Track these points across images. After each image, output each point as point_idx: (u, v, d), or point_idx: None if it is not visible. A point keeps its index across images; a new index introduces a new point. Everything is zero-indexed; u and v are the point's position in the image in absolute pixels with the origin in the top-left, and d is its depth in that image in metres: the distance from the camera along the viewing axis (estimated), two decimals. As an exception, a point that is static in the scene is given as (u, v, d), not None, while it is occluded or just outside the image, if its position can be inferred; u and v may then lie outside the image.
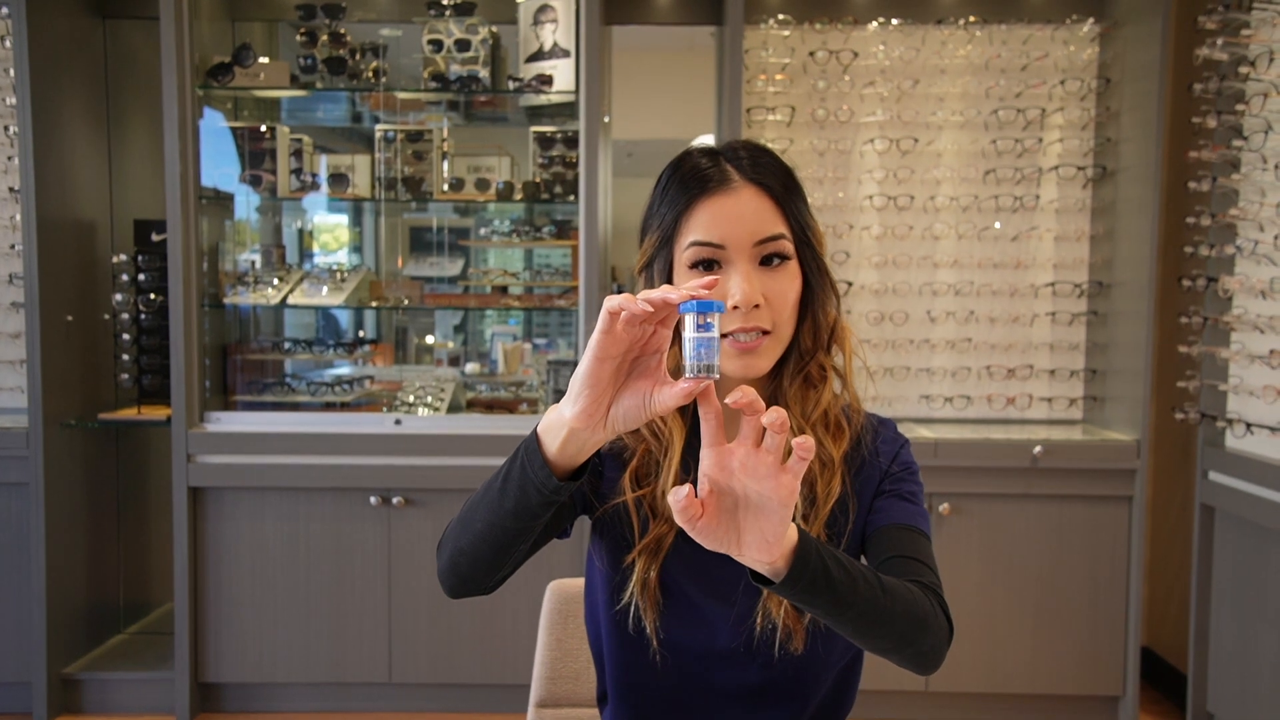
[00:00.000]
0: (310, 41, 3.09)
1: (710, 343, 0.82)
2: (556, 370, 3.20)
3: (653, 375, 0.86)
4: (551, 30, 3.04)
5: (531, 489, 0.90)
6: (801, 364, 1.11)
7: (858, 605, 0.89)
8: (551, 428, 0.89)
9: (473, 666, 2.95)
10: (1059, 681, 2.93)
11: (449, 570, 1.02)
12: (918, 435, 2.92)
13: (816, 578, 0.86)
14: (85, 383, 3.06)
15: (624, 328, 0.82)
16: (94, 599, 3.14)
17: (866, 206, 3.15)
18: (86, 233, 3.09)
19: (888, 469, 1.14)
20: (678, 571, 1.11)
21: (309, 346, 3.28)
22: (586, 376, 0.84)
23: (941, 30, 3.10)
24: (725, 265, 1.05)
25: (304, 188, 3.14)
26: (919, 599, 0.96)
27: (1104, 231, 3.09)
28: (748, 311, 1.02)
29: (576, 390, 0.86)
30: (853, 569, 0.90)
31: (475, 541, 0.97)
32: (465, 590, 1.03)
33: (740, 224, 1.04)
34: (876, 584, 0.92)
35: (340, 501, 2.93)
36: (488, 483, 0.97)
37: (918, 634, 0.95)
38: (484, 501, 0.96)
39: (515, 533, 0.95)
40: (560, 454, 0.89)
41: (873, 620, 0.91)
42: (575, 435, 0.87)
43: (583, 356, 0.85)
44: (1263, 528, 2.53)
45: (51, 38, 2.88)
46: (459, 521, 1.01)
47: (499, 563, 0.99)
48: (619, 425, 0.87)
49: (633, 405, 0.86)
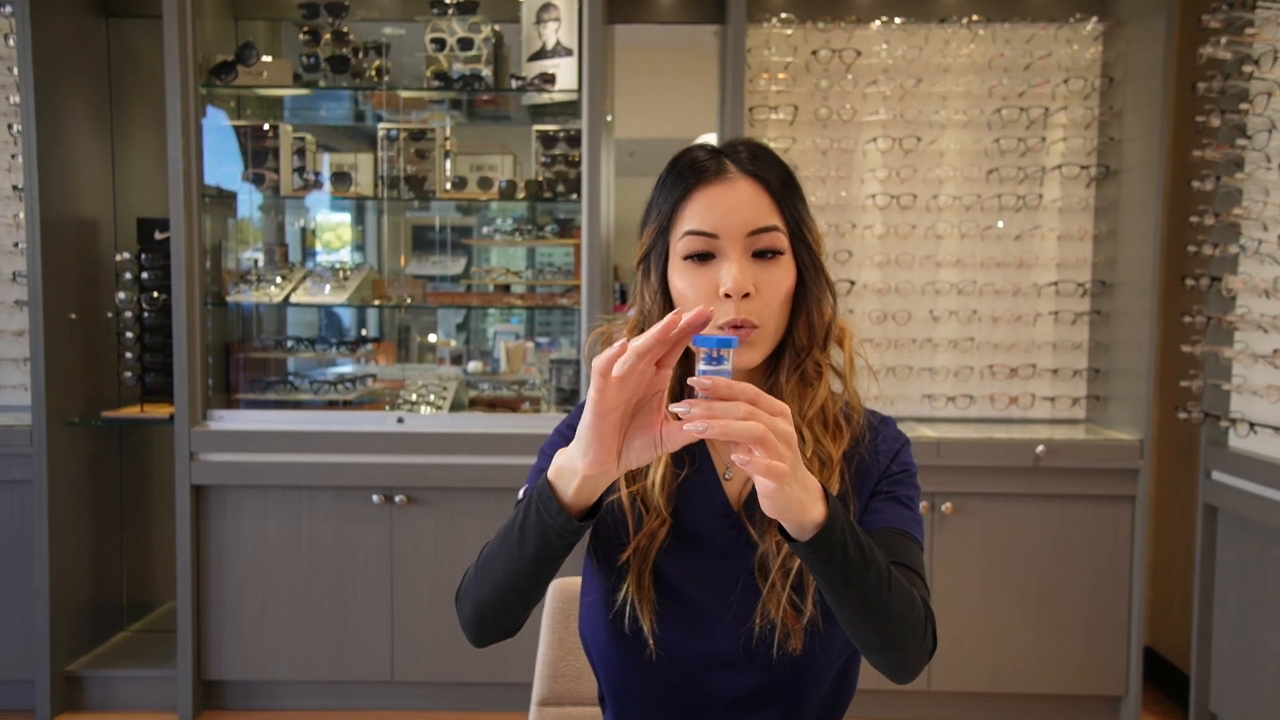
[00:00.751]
0: (313, 40, 3.09)
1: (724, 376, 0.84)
2: (559, 369, 3.20)
3: (657, 414, 0.89)
4: (554, 29, 3.04)
5: (552, 534, 0.94)
6: (797, 361, 1.11)
7: (863, 588, 0.91)
8: (564, 475, 0.93)
9: (475, 665, 2.96)
10: (1061, 681, 2.92)
11: (474, 623, 1.05)
12: (920, 434, 2.92)
13: (835, 549, 0.89)
14: (88, 381, 3.06)
15: (619, 386, 0.85)
16: (97, 597, 3.14)
17: (869, 205, 3.15)
18: (90, 231, 3.10)
19: (886, 468, 1.13)
20: (675, 572, 1.11)
21: (311, 345, 3.28)
22: (591, 433, 0.88)
23: (944, 29, 3.10)
24: (718, 255, 1.05)
25: (307, 186, 3.14)
26: (916, 607, 0.98)
27: (1107, 230, 3.08)
28: (738, 300, 1.03)
29: (584, 444, 0.89)
30: (869, 552, 0.92)
31: (499, 590, 1.00)
32: (491, 638, 1.07)
33: (734, 213, 1.04)
34: (886, 575, 0.94)
35: (342, 500, 2.93)
36: (502, 533, 1.00)
37: (906, 639, 0.96)
38: (502, 551, 0.99)
39: (538, 576, 0.99)
40: (575, 498, 0.93)
41: (871, 608, 0.93)
42: (589, 481, 0.91)
43: (584, 413, 0.87)
44: (1266, 527, 2.52)
45: (55, 36, 2.88)
46: (477, 573, 1.04)
47: (525, 606, 1.03)
48: (632, 463, 0.91)
49: (643, 445, 0.89)
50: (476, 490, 2.91)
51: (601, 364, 0.84)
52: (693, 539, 0.94)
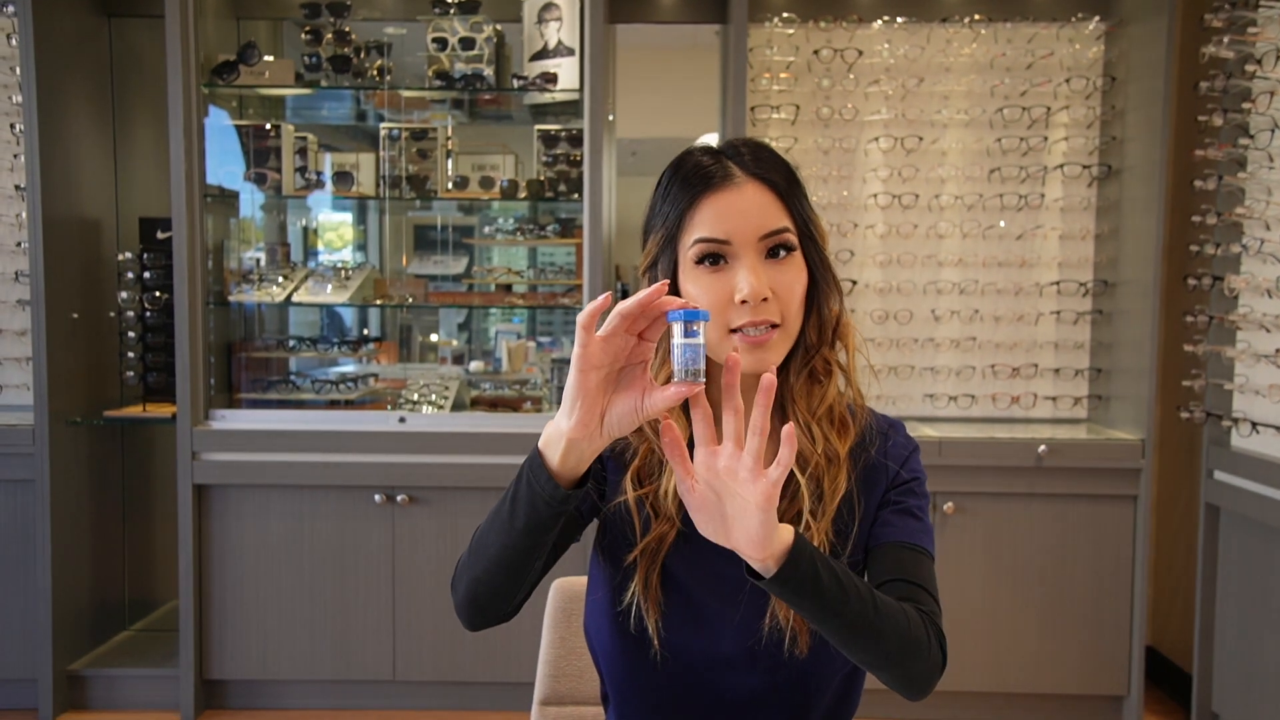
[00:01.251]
0: (315, 40, 3.10)
1: (697, 349, 0.88)
2: (560, 368, 3.20)
3: (640, 382, 0.91)
4: (556, 28, 3.04)
5: (540, 502, 0.94)
6: (807, 359, 1.11)
7: (845, 616, 0.93)
8: (551, 441, 0.94)
9: (477, 664, 2.96)
10: (1063, 681, 2.92)
11: (468, 602, 1.05)
12: (922, 434, 2.92)
13: (805, 581, 0.90)
14: (90, 380, 3.06)
15: (603, 344, 0.88)
16: (99, 596, 3.15)
17: (871, 205, 3.15)
18: (92, 230, 3.10)
19: (896, 475, 1.13)
20: (683, 573, 1.11)
21: (313, 344, 3.28)
22: (575, 389, 0.90)
23: (946, 28, 3.10)
24: (731, 260, 1.05)
25: (309, 186, 3.14)
26: (913, 624, 0.98)
27: (1109, 230, 3.08)
28: (756, 305, 1.03)
29: (569, 403, 0.91)
30: (847, 581, 0.93)
31: (490, 567, 1.00)
32: (485, 620, 1.06)
33: (745, 219, 1.04)
34: (870, 600, 0.95)
35: (344, 499, 2.93)
36: (495, 510, 1.01)
37: (906, 657, 0.97)
38: (494, 527, 1.00)
39: (528, 549, 0.98)
40: (563, 465, 0.93)
41: (859, 634, 0.94)
42: (575, 445, 0.92)
43: (570, 372, 0.90)
44: (1268, 527, 2.52)
45: (57, 36, 2.89)
46: (470, 552, 1.04)
47: (516, 584, 1.02)
48: (614, 430, 0.92)
49: (625, 410, 0.91)
50: (478, 490, 2.92)
51: (584, 317, 0.87)
52: (702, 541, 0.94)
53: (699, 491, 0.90)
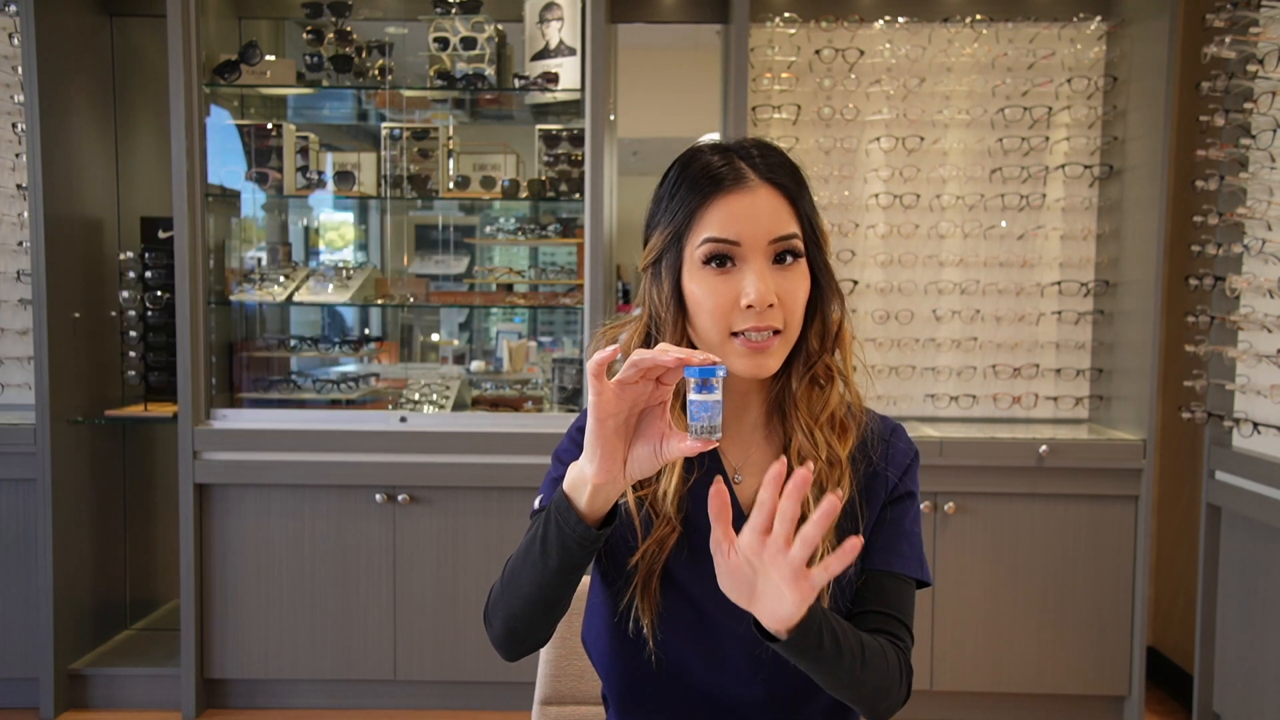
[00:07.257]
0: (316, 39, 3.10)
1: (713, 406, 0.87)
2: (561, 368, 3.20)
3: (658, 426, 0.93)
4: (557, 28, 3.04)
5: (573, 544, 0.96)
6: (809, 365, 1.11)
7: (837, 673, 0.96)
8: (576, 485, 0.96)
9: (477, 663, 2.96)
10: (1064, 681, 2.92)
11: (506, 638, 1.07)
12: (923, 434, 2.92)
13: (809, 647, 0.93)
14: (92, 379, 3.07)
15: (617, 392, 0.89)
16: (100, 595, 3.15)
17: (872, 205, 3.15)
18: (94, 230, 3.10)
19: (894, 489, 1.14)
20: (685, 577, 1.10)
21: (315, 344, 3.28)
22: (594, 436, 0.92)
23: (948, 28, 3.10)
24: (738, 263, 1.04)
25: (310, 185, 3.14)
26: (890, 668, 1.03)
27: (1110, 230, 3.08)
28: (762, 311, 1.02)
29: (590, 452, 0.93)
30: (844, 641, 0.96)
31: (526, 605, 1.03)
32: (524, 650, 1.09)
33: (756, 223, 1.04)
34: (859, 656, 0.98)
35: (345, 499, 2.94)
36: (523, 548, 1.02)
37: (878, 698, 1.03)
38: (526, 566, 1.01)
39: (564, 586, 1.01)
40: (590, 507, 0.96)
41: (843, 684, 0.98)
42: (600, 490, 0.94)
43: (588, 418, 0.92)
44: (1269, 527, 2.52)
45: (59, 35, 2.89)
46: (504, 587, 1.06)
47: (552, 617, 1.05)
48: (636, 474, 0.94)
49: (645, 455, 0.93)
50: (479, 489, 2.92)
51: (593, 366, 0.87)
52: (704, 544, 0.94)
53: (734, 560, 0.91)
